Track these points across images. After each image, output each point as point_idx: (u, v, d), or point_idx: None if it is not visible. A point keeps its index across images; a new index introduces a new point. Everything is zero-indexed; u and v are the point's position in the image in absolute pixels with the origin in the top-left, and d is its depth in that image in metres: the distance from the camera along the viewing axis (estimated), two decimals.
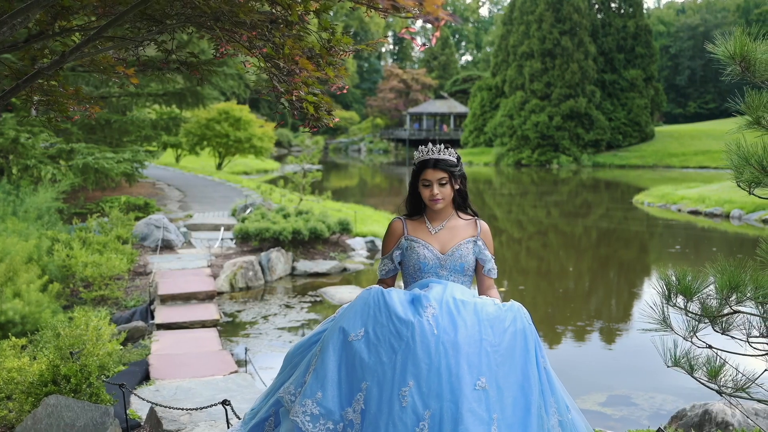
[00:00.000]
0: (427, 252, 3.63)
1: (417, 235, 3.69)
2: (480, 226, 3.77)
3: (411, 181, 3.73)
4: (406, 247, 3.69)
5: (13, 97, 3.70)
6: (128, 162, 18.72)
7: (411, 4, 2.81)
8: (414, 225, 3.74)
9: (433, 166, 3.57)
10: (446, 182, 3.59)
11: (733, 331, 3.64)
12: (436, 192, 3.57)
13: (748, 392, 3.57)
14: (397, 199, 34.21)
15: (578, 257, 18.77)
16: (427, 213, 3.74)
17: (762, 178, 3.37)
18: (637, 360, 9.69)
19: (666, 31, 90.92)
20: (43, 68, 3.52)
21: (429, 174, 3.58)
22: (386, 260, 3.78)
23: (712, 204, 24.95)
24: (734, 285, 3.44)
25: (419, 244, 3.65)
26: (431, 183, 3.58)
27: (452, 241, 3.68)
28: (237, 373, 8.00)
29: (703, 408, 6.70)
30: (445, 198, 3.61)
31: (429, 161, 3.59)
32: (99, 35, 3.40)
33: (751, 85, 3.81)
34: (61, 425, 2.40)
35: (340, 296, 12.70)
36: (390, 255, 3.76)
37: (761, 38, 3.70)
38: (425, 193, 3.61)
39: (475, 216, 3.81)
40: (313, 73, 3.45)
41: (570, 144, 55.86)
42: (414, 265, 3.66)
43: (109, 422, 2.49)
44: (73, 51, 3.46)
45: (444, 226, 3.71)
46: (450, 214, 3.74)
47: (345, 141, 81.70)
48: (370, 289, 3.40)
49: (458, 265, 3.65)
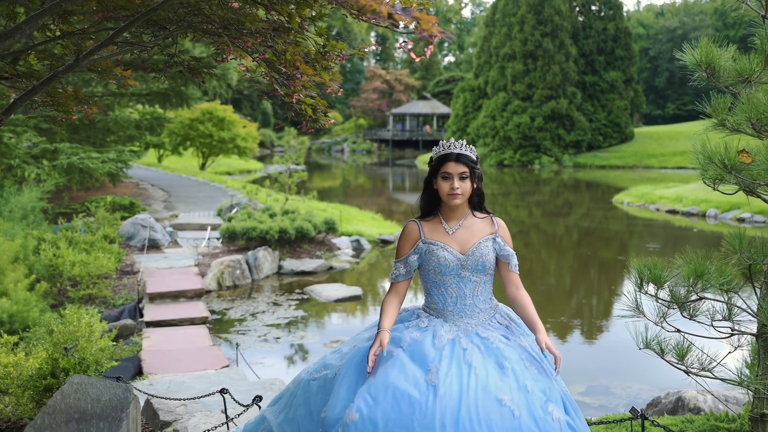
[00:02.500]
0: (447, 254, 3.54)
1: (435, 238, 3.59)
2: (497, 223, 3.67)
3: (427, 178, 3.63)
4: (425, 251, 3.58)
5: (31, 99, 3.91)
6: (113, 162, 18.85)
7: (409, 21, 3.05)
8: (430, 226, 3.63)
9: (456, 160, 3.49)
10: (467, 177, 3.50)
11: (700, 317, 3.92)
12: (456, 186, 3.48)
13: (713, 372, 3.85)
14: (380, 199, 34.47)
15: (560, 256, 19.10)
16: (442, 212, 3.65)
17: (724, 175, 3.64)
18: (616, 354, 10.02)
19: (645, 33, 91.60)
20: (59, 71, 3.73)
21: (450, 167, 3.49)
22: (400, 264, 3.64)
23: (689, 203, 25.37)
24: (699, 273, 3.72)
25: (438, 247, 3.55)
26: (452, 176, 3.49)
27: (471, 240, 3.58)
28: (228, 367, 8.22)
29: (676, 395, 7.02)
30: (464, 194, 3.52)
31: (451, 154, 3.51)
32: (111, 41, 3.62)
33: (716, 90, 4.09)
34: (88, 399, 2.61)
35: (327, 294, 12.94)
36: (405, 259, 3.63)
37: (725, 47, 3.99)
38: (444, 186, 3.51)
39: (490, 214, 3.71)
40: (312, 78, 3.68)
41: (551, 145, 56.27)
42: (434, 269, 3.56)
43: (131, 398, 2.69)
44: (87, 55, 3.68)
45: (461, 225, 3.61)
46: (466, 213, 3.64)
47: (328, 141, 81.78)
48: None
49: (480, 265, 3.55)
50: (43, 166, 17.38)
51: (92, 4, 4.57)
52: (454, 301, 3.55)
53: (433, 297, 3.63)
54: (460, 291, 3.56)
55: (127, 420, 2.53)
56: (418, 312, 3.68)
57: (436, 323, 3.52)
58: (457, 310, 3.55)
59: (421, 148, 71.66)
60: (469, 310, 3.55)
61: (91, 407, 2.57)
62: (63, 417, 2.47)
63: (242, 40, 3.47)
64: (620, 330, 10.82)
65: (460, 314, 3.54)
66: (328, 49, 3.99)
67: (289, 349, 10.39)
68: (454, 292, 3.56)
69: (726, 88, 4.05)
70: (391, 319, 3.53)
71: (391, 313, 3.55)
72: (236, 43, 3.53)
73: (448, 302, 3.56)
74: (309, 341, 10.63)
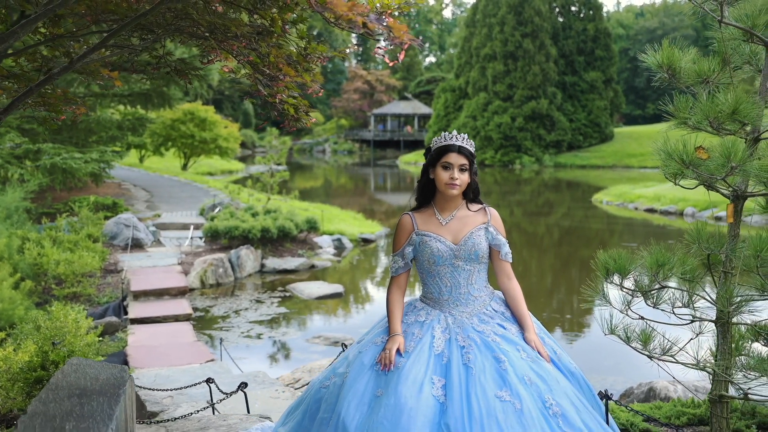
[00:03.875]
0: (440, 245, 3.62)
1: (428, 229, 3.67)
2: (490, 212, 3.76)
3: (424, 168, 3.72)
4: (419, 242, 3.66)
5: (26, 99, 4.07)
6: (95, 162, 18.93)
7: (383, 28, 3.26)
8: (423, 218, 3.71)
9: (458, 151, 3.59)
10: (466, 169, 3.61)
11: (663, 305, 4.14)
12: (456, 176, 3.57)
13: (675, 357, 4.08)
14: (362, 199, 34.63)
15: (541, 255, 19.35)
16: (436, 203, 3.73)
17: (683, 171, 3.87)
18: (594, 349, 10.29)
19: (625, 34, 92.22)
20: (54, 73, 3.90)
21: (452, 158, 3.59)
22: (397, 257, 3.73)
23: (667, 202, 25.70)
24: (661, 263, 3.94)
25: (431, 238, 3.63)
26: (452, 166, 3.58)
27: (464, 230, 3.66)
28: (213, 361, 8.38)
29: (648, 386, 7.29)
30: (461, 185, 3.61)
31: (453, 146, 3.61)
32: (104, 44, 3.79)
33: (678, 90, 4.32)
34: (87, 378, 2.77)
35: (309, 291, 13.12)
36: (401, 252, 3.71)
37: (685, 49, 4.22)
38: (444, 175, 3.59)
39: (483, 205, 3.79)
40: (294, 79, 3.86)
41: (532, 145, 56.63)
42: (429, 259, 3.64)
43: (126, 377, 2.86)
44: (81, 57, 3.84)
45: (454, 216, 3.69)
46: (459, 204, 3.72)
47: (309, 142, 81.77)
48: None
49: (473, 254, 3.63)
50: (26, 166, 17.44)
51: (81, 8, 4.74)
52: (449, 290, 3.64)
53: (429, 287, 3.71)
54: (455, 280, 3.64)
55: (124, 396, 2.71)
56: (416, 303, 3.77)
57: (433, 317, 3.61)
58: (452, 298, 3.64)
59: (403, 149, 71.86)
60: (464, 299, 3.63)
61: (90, 384, 2.74)
62: (65, 393, 2.65)
63: (228, 43, 3.65)
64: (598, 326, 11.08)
65: (456, 303, 3.63)
66: (310, 51, 4.18)
67: (271, 345, 10.56)
68: (449, 281, 3.64)
69: (686, 88, 4.28)
70: (400, 320, 3.62)
71: (399, 313, 3.64)
72: (222, 46, 3.71)
73: (443, 291, 3.65)
74: (291, 337, 10.81)
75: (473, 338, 3.45)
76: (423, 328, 3.55)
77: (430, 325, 3.55)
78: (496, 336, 3.48)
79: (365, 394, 3.33)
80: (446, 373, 3.31)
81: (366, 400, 3.30)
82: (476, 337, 3.46)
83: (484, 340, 3.44)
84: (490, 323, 3.58)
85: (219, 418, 4.68)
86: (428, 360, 3.36)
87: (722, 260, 4.12)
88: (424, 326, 3.56)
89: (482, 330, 3.51)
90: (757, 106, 3.95)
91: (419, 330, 3.55)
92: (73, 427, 2.26)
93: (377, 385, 3.35)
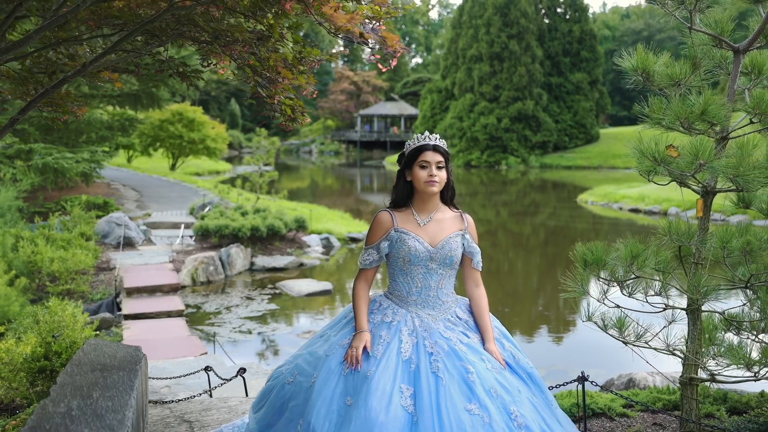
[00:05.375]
0: (417, 244, 3.61)
1: (407, 227, 3.66)
2: (466, 219, 3.78)
3: (400, 170, 3.74)
4: (397, 239, 3.65)
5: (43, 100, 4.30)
6: (86, 162, 19.11)
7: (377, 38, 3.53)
8: (402, 217, 3.70)
9: (433, 149, 3.61)
10: (443, 167, 3.63)
11: (637, 294, 4.42)
12: (434, 173, 3.58)
13: (648, 342, 4.35)
14: (349, 200, 34.84)
15: (526, 255, 19.65)
16: (414, 204, 3.73)
17: (656, 168, 4.14)
18: (578, 344, 10.58)
19: (611, 35, 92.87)
20: (68, 76, 4.13)
21: (428, 156, 3.60)
22: (371, 250, 3.70)
23: (651, 202, 26.05)
24: (635, 255, 4.21)
25: (410, 237, 3.63)
26: (430, 164, 3.60)
27: (441, 234, 3.67)
28: (206, 354, 8.61)
29: (628, 377, 7.58)
30: (440, 182, 3.63)
31: (428, 144, 3.62)
32: (114, 48, 4.03)
33: (652, 93, 4.59)
34: (106, 356, 3.00)
35: (298, 288, 13.36)
36: (377, 245, 3.69)
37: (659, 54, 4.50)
38: (422, 174, 3.61)
39: (459, 211, 3.80)
40: (292, 81, 4.12)
41: (518, 145, 57.03)
42: (404, 257, 3.63)
43: (140, 355, 3.09)
44: (93, 61, 4.08)
45: (432, 218, 3.70)
46: (437, 206, 3.73)
47: (296, 143, 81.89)
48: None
49: (447, 259, 3.65)
50: (18, 165, 17.59)
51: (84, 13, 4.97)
52: (418, 291, 3.64)
53: (398, 284, 3.70)
54: (426, 282, 3.64)
55: (140, 371, 2.95)
56: (381, 300, 3.76)
57: (400, 317, 3.60)
58: (420, 300, 3.64)
59: (389, 149, 72.07)
60: (432, 302, 3.64)
61: (109, 361, 2.98)
62: (88, 367, 2.88)
63: (230, 47, 3.90)
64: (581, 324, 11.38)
65: (423, 305, 3.63)
66: (304, 55, 4.43)
67: (263, 340, 10.80)
68: (420, 282, 3.64)
69: (659, 90, 4.55)
70: (367, 316, 3.61)
71: (365, 309, 3.63)
72: (225, 51, 3.97)
73: (412, 291, 3.65)
74: (282, 333, 11.05)
75: (441, 345, 3.46)
76: (390, 331, 3.55)
77: (398, 328, 3.55)
78: (462, 345, 3.50)
79: (333, 401, 3.33)
80: (415, 381, 3.32)
81: (335, 408, 3.30)
82: (444, 344, 3.47)
83: (452, 348, 3.45)
84: (455, 330, 3.60)
85: (220, 401, 4.93)
86: (396, 367, 3.36)
87: (693, 252, 4.40)
88: (392, 328, 3.56)
89: (449, 337, 3.52)
90: (724, 108, 4.22)
91: (386, 332, 3.54)
92: (100, 395, 2.50)
93: (346, 392, 3.34)
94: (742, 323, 4.40)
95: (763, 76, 4.60)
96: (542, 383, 3.64)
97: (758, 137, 4.39)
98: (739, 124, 4.47)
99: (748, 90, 4.52)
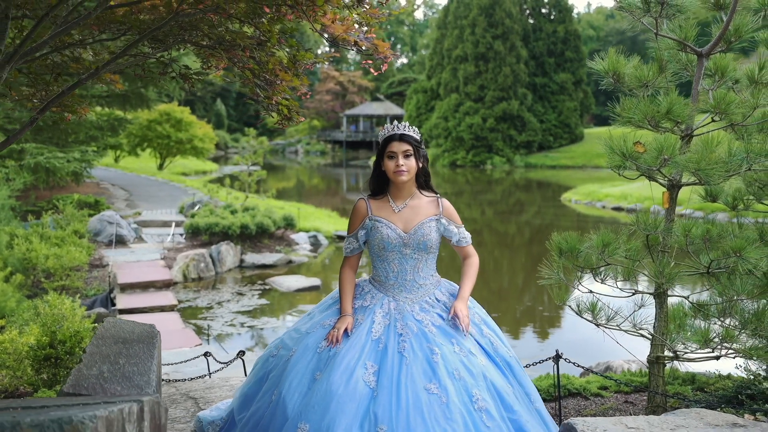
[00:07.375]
0: (390, 231, 3.74)
1: (381, 215, 3.81)
2: (442, 204, 3.89)
3: (375, 160, 3.86)
4: (371, 227, 3.80)
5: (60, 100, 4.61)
6: (77, 161, 19.33)
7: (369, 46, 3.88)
8: (378, 204, 3.85)
9: (399, 139, 3.71)
10: (411, 155, 3.73)
11: (608, 280, 4.78)
12: (401, 163, 3.69)
13: (619, 325, 4.71)
14: (335, 199, 35.13)
15: (512, 254, 20.02)
16: (390, 191, 3.87)
17: (625, 163, 4.50)
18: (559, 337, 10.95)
19: (596, 35, 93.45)
20: (83, 78, 4.44)
21: (395, 146, 3.71)
22: (351, 239, 3.89)
23: (633, 200, 26.46)
24: (606, 243, 4.57)
25: (382, 224, 3.76)
26: (396, 155, 3.71)
27: (415, 219, 3.79)
28: (201, 345, 8.92)
29: (606, 364, 7.94)
30: (409, 170, 3.73)
31: (395, 135, 3.74)
32: (125, 53, 4.34)
33: (623, 93, 4.95)
34: (125, 331, 3.31)
35: (288, 284, 13.69)
36: (355, 234, 3.87)
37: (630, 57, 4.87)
38: (390, 165, 3.73)
39: (436, 194, 3.93)
40: (289, 83, 4.45)
41: (503, 145, 57.42)
42: (378, 244, 3.77)
43: (156, 332, 3.39)
44: (105, 65, 4.39)
45: (407, 204, 3.83)
46: (413, 192, 3.87)
47: (282, 143, 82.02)
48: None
49: (421, 244, 3.77)
50: (9, 165, 17.80)
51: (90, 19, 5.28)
52: (395, 276, 3.78)
53: (377, 270, 3.86)
54: (402, 267, 3.79)
55: (157, 344, 3.28)
56: (364, 285, 3.92)
57: (377, 301, 3.76)
58: (398, 284, 3.78)
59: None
60: (409, 285, 3.78)
61: (129, 336, 3.29)
62: (111, 340, 3.19)
63: (233, 52, 4.23)
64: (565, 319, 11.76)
65: (401, 288, 3.78)
66: (299, 58, 4.76)
67: (254, 333, 11.11)
68: (396, 267, 3.78)
69: (629, 91, 4.91)
70: (351, 299, 3.78)
71: (350, 292, 3.80)
72: (227, 55, 4.30)
73: (390, 276, 3.79)
74: (273, 326, 11.38)
75: (411, 327, 3.59)
76: (365, 313, 3.70)
77: (372, 310, 3.70)
78: (433, 327, 3.62)
79: (305, 375, 3.47)
80: (381, 359, 3.44)
81: (305, 381, 3.44)
82: (414, 326, 3.59)
83: (422, 330, 3.58)
84: (430, 312, 3.73)
85: (222, 380, 5.25)
86: (364, 345, 3.50)
87: (660, 241, 4.76)
88: (366, 311, 3.71)
89: (421, 319, 3.65)
90: (687, 107, 4.59)
91: (362, 316, 3.69)
92: (126, 362, 2.82)
93: (317, 368, 3.48)
94: (709, 308, 4.76)
95: (726, 77, 4.97)
96: (521, 373, 3.74)
97: (722, 134, 4.76)
98: (703, 122, 4.84)
99: (711, 91, 4.89)
